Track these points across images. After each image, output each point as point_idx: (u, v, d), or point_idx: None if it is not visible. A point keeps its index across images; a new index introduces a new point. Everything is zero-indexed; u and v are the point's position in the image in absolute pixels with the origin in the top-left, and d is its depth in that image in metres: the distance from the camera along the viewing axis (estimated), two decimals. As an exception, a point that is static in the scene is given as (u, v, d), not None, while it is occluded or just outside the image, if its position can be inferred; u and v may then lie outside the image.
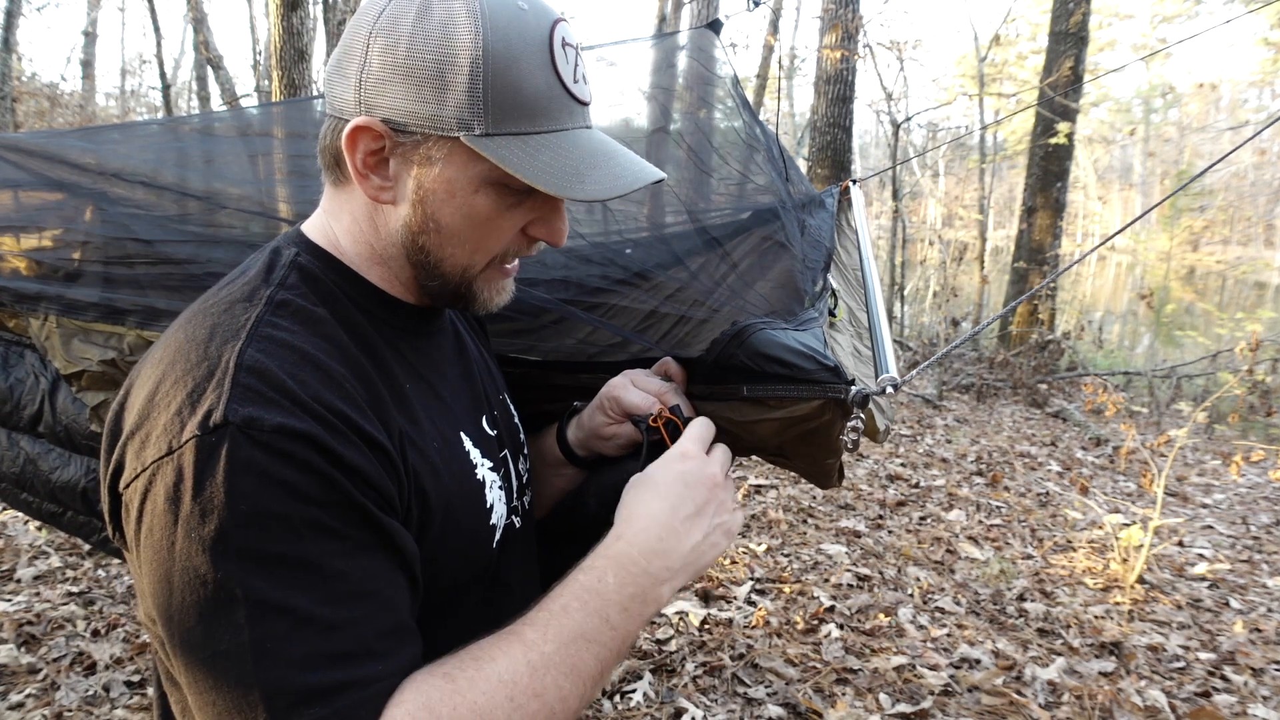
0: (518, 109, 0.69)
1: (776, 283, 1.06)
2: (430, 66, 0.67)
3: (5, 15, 9.28)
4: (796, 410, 0.86)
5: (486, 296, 0.79)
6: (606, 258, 1.18)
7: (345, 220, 0.77)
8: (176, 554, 0.57)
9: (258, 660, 0.55)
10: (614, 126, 1.39)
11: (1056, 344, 8.47)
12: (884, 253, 10.35)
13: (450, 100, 0.67)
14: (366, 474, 0.62)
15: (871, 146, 28.75)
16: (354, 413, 0.64)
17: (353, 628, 0.59)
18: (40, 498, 1.35)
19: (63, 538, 3.28)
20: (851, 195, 1.41)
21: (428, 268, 0.76)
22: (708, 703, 2.56)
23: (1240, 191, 29.58)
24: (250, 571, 0.57)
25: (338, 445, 0.61)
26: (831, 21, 7.24)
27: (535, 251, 0.80)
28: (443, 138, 0.69)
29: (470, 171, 0.70)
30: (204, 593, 0.57)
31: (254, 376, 0.61)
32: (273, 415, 0.59)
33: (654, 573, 0.71)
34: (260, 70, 13.42)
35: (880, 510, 4.48)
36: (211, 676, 0.57)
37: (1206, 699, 2.78)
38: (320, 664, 0.57)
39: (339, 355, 0.68)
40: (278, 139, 1.47)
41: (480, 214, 0.72)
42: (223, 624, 0.56)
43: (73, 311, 1.20)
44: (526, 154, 0.69)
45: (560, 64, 0.70)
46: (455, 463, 0.77)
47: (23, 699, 2.29)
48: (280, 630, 0.56)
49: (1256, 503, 5.17)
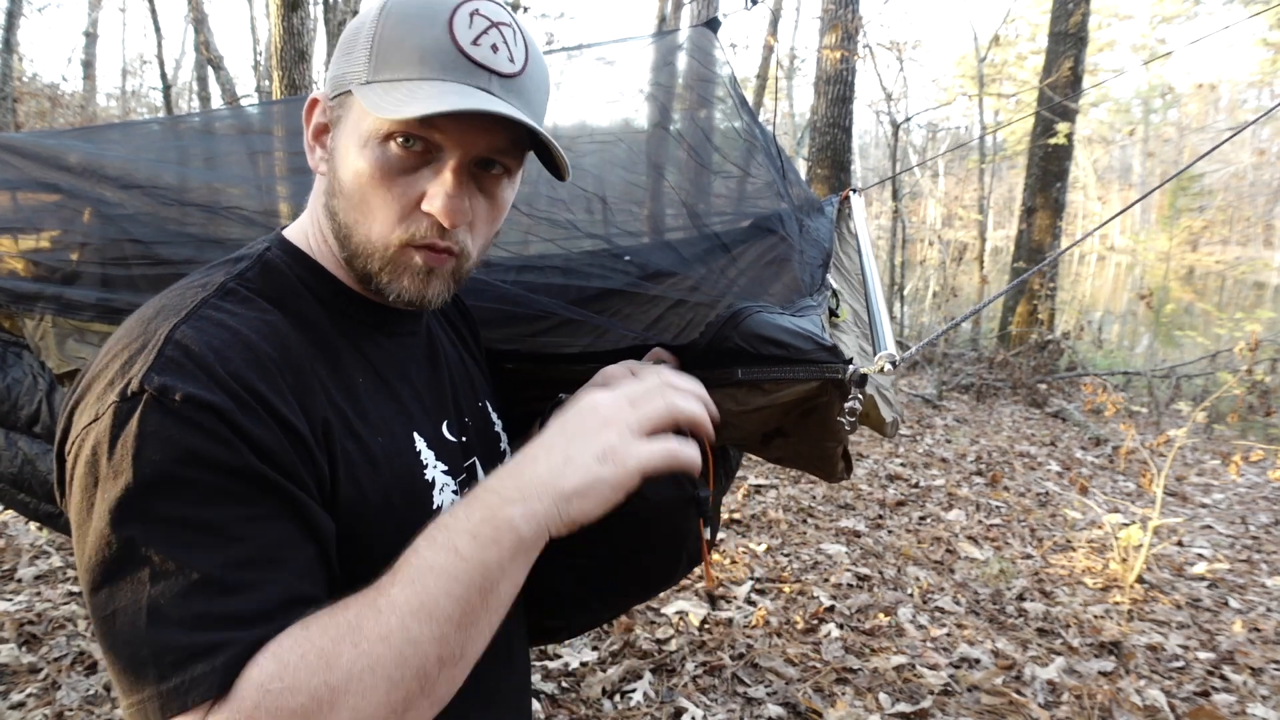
0: (396, 58, 0.70)
1: (780, 285, 1.05)
2: (350, 35, 0.74)
3: (6, 16, 9.28)
4: (794, 392, 0.84)
5: (398, 280, 0.75)
6: (605, 265, 1.17)
7: (312, 210, 0.81)
8: (92, 515, 0.60)
9: (151, 618, 0.57)
10: (614, 126, 1.39)
11: (1056, 344, 8.47)
12: (884, 253, 10.36)
13: (353, 59, 0.73)
14: (273, 451, 0.64)
15: (871, 147, 28.75)
16: (272, 394, 0.65)
17: (250, 591, 0.59)
18: (38, 498, 1.35)
19: (63, 538, 3.28)
20: (852, 203, 1.39)
21: (339, 238, 0.76)
22: (708, 702, 2.56)
23: (1239, 192, 29.58)
24: (153, 532, 0.58)
25: (245, 420, 0.62)
26: (831, 22, 7.25)
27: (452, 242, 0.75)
28: (346, 94, 0.73)
29: (361, 126, 0.72)
30: (108, 552, 0.58)
31: (178, 350, 0.63)
32: (185, 385, 0.61)
33: (499, 490, 0.65)
34: (261, 70, 13.43)
35: (880, 510, 4.48)
36: (112, 635, 0.58)
37: (1206, 698, 2.79)
38: (211, 625, 0.57)
39: (273, 340, 0.69)
40: (278, 137, 1.47)
41: (365, 171, 0.71)
42: (124, 583, 0.58)
43: (69, 311, 1.20)
44: (384, 92, 0.70)
45: (459, 26, 0.70)
46: (399, 458, 0.77)
47: (24, 698, 2.30)
48: (177, 589, 0.57)
49: (1255, 502, 5.17)
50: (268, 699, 0.55)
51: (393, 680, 0.58)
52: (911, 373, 8.51)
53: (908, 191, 15.09)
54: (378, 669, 0.57)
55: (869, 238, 1.29)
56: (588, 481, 0.65)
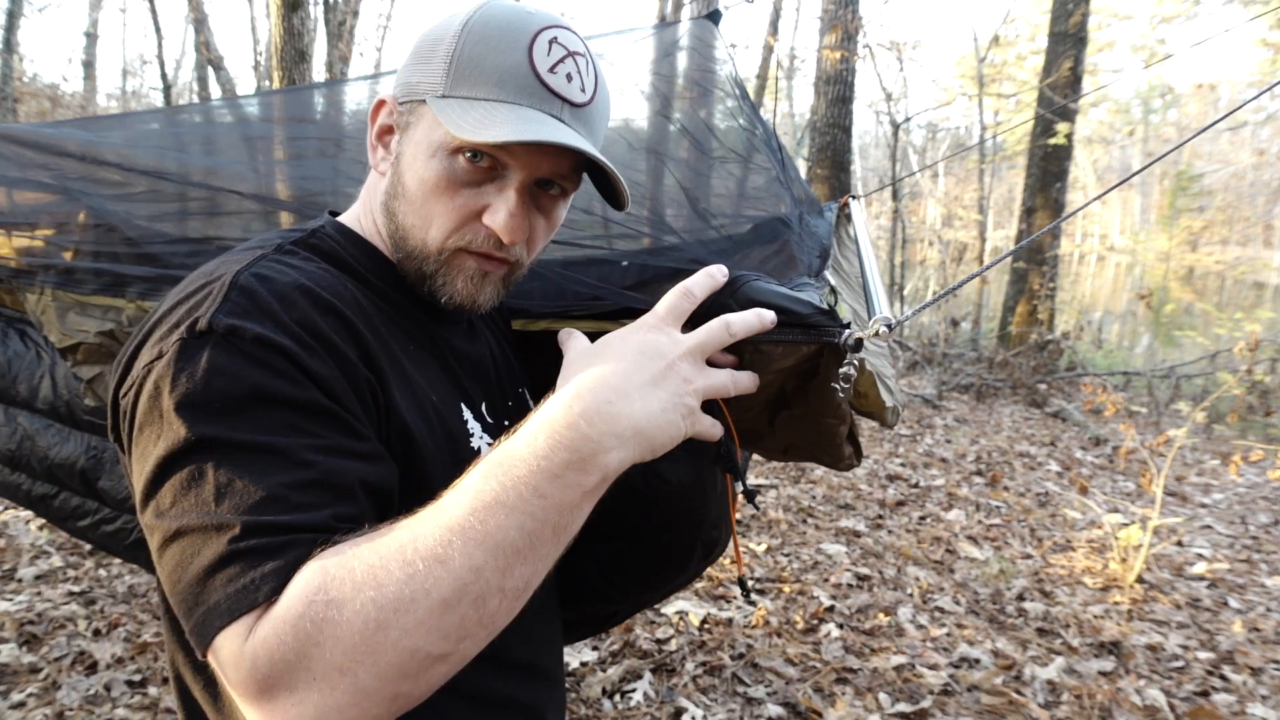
0: (475, 76, 0.73)
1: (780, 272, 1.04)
2: (428, 46, 0.76)
3: (7, 16, 9.29)
4: (793, 355, 0.83)
5: (451, 283, 0.78)
6: (603, 275, 1.16)
7: (368, 202, 0.84)
8: (158, 443, 0.60)
9: (220, 529, 0.57)
10: (616, 125, 1.39)
11: (1056, 344, 8.48)
12: (884, 253, 10.36)
13: (430, 69, 0.75)
14: (338, 390, 0.65)
15: (871, 147, 28.75)
16: (335, 337, 0.67)
17: (314, 510, 0.59)
18: (34, 477, 1.33)
19: (64, 537, 3.28)
20: (851, 210, 1.39)
21: (396, 238, 0.79)
22: (708, 702, 2.56)
23: (1239, 192, 29.58)
24: (220, 455, 0.59)
25: (311, 360, 0.64)
26: (831, 22, 7.25)
27: (508, 254, 0.78)
28: (419, 102, 0.75)
29: (432, 136, 0.74)
30: (176, 474, 0.59)
31: (243, 294, 0.65)
32: (254, 326, 0.63)
33: (596, 438, 0.60)
34: (261, 71, 13.43)
35: (880, 510, 4.49)
36: (178, 554, 0.58)
37: (1205, 698, 2.79)
38: (276, 531, 0.57)
39: (332, 289, 0.72)
40: (277, 125, 1.47)
41: (430, 180, 0.74)
42: (190, 501, 0.59)
43: (70, 285, 1.19)
44: (462, 111, 0.72)
45: (538, 53, 0.73)
46: (448, 423, 0.78)
47: (24, 698, 2.30)
48: (245, 503, 0.58)
49: (1255, 502, 5.17)
50: (312, 609, 0.53)
51: (447, 604, 0.54)
52: (911, 373, 8.51)
53: (908, 192, 15.09)
54: (432, 592, 0.54)
55: (869, 238, 1.29)
56: (671, 438, 0.66)
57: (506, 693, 0.85)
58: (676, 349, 0.69)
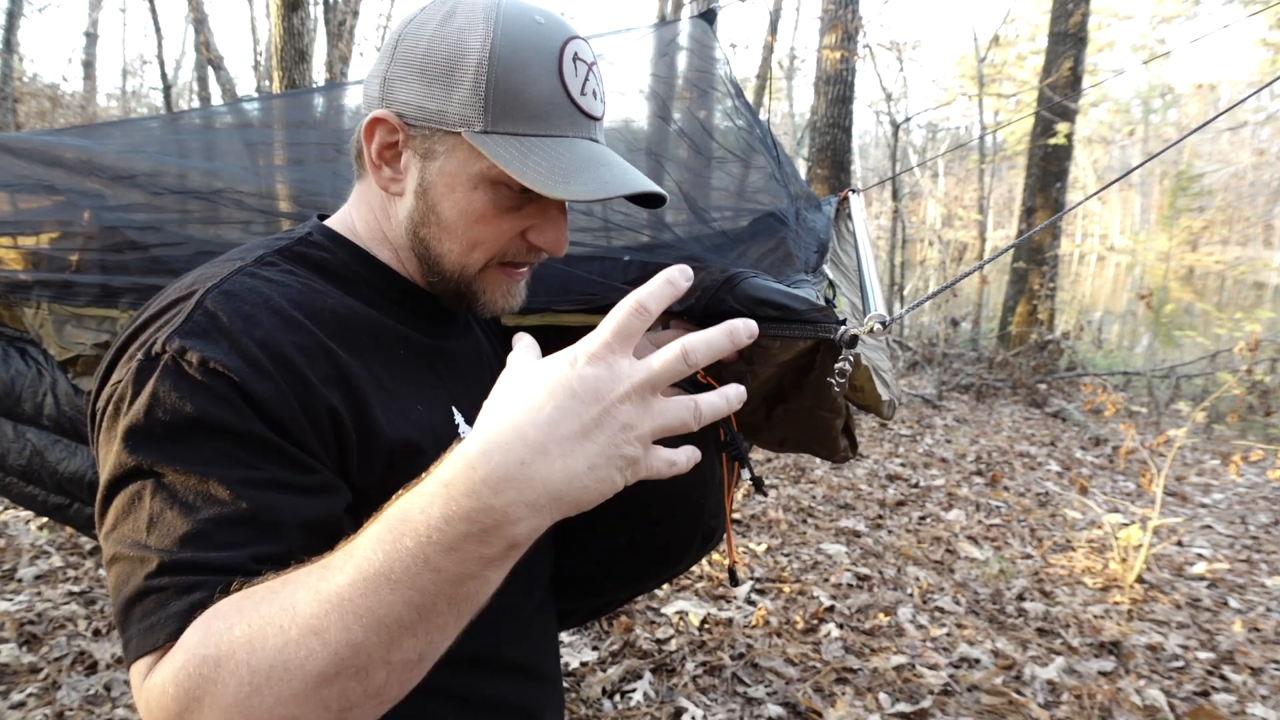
0: (518, 110, 0.73)
1: (778, 270, 1.04)
2: (442, 65, 0.73)
3: (7, 16, 9.29)
4: (790, 350, 0.84)
5: (490, 297, 0.81)
6: (604, 271, 1.16)
7: (363, 209, 0.83)
8: (107, 464, 0.63)
9: (142, 564, 0.59)
10: (614, 126, 1.39)
11: (1056, 344, 8.48)
12: (884, 253, 10.36)
13: (455, 97, 0.72)
14: (285, 420, 0.64)
15: (871, 147, 28.76)
16: (302, 358, 0.67)
17: (235, 549, 0.59)
18: (47, 490, 1.36)
19: (64, 537, 3.28)
20: (851, 203, 1.39)
21: (428, 262, 0.79)
22: (708, 702, 2.56)
23: (1239, 192, 29.59)
24: (156, 485, 0.61)
25: (260, 388, 0.63)
26: (831, 22, 7.25)
27: (538, 259, 0.82)
28: (447, 133, 0.74)
29: (470, 168, 0.74)
30: (116, 501, 0.62)
31: (205, 315, 0.65)
32: (204, 349, 0.63)
33: (500, 508, 0.51)
34: (261, 71, 13.43)
35: (880, 510, 4.49)
36: (113, 581, 0.60)
37: (1205, 698, 2.79)
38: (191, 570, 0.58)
39: (308, 304, 0.72)
40: (277, 129, 1.47)
41: (475, 210, 0.75)
42: (126, 530, 0.61)
43: (65, 297, 1.20)
44: (520, 153, 0.72)
45: (568, 75, 0.74)
46: (438, 427, 0.78)
47: (24, 698, 2.30)
48: (170, 539, 0.59)
49: (1255, 502, 5.17)
50: (191, 664, 0.52)
51: (324, 678, 0.51)
52: (911, 373, 8.52)
53: (908, 191, 15.09)
54: (306, 665, 0.50)
55: (868, 235, 1.29)
56: (600, 495, 0.54)
57: (500, 695, 0.85)
58: (616, 388, 0.53)
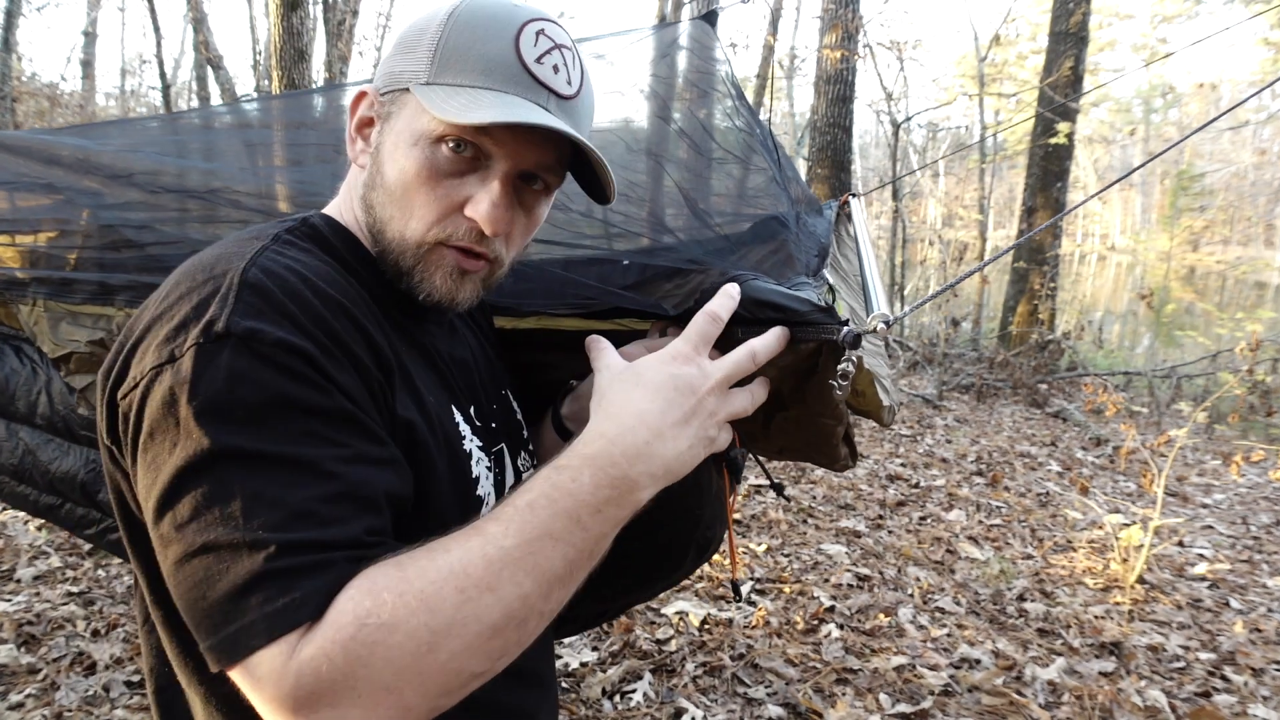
0: (461, 63, 0.72)
1: (779, 273, 1.04)
2: (413, 36, 0.75)
3: (5, 15, 9.29)
4: (792, 353, 0.83)
5: (429, 279, 0.76)
6: (603, 275, 1.15)
7: (349, 195, 0.82)
8: (173, 454, 0.59)
9: (252, 546, 0.56)
10: (614, 126, 1.39)
11: (1056, 344, 8.47)
12: (884, 253, 10.36)
13: (413, 58, 0.74)
14: (356, 394, 0.65)
15: (871, 146, 28.76)
16: (347, 337, 0.66)
17: (345, 524, 0.59)
18: (39, 490, 1.35)
19: (63, 538, 3.28)
20: (851, 207, 1.38)
21: (374, 231, 0.77)
22: (708, 703, 2.56)
23: (1240, 191, 29.59)
24: (247, 469, 0.58)
25: (331, 364, 0.63)
26: (831, 21, 7.25)
27: (490, 250, 0.76)
28: (401, 91, 0.75)
29: (414, 124, 0.73)
30: (198, 489, 0.58)
31: (256, 294, 0.63)
32: (275, 329, 0.61)
33: (634, 477, 0.66)
34: (260, 70, 13.42)
35: (880, 510, 4.48)
36: (202, 570, 0.57)
37: (1206, 699, 2.78)
38: (313, 549, 0.57)
39: (335, 285, 0.70)
40: (276, 130, 1.47)
41: (411, 169, 0.73)
42: (217, 517, 0.57)
43: (62, 294, 1.20)
44: (446, 96, 0.71)
45: (524, 42, 0.73)
46: (445, 424, 0.78)
47: (23, 699, 2.29)
48: (275, 520, 0.57)
49: (1256, 503, 5.17)
50: (363, 633, 0.54)
51: (496, 629, 0.58)
52: (911, 373, 8.51)
53: (908, 191, 15.08)
54: (483, 618, 0.57)
55: (868, 236, 1.29)
56: (692, 466, 0.71)
57: (496, 698, 0.85)
58: (706, 383, 0.72)
